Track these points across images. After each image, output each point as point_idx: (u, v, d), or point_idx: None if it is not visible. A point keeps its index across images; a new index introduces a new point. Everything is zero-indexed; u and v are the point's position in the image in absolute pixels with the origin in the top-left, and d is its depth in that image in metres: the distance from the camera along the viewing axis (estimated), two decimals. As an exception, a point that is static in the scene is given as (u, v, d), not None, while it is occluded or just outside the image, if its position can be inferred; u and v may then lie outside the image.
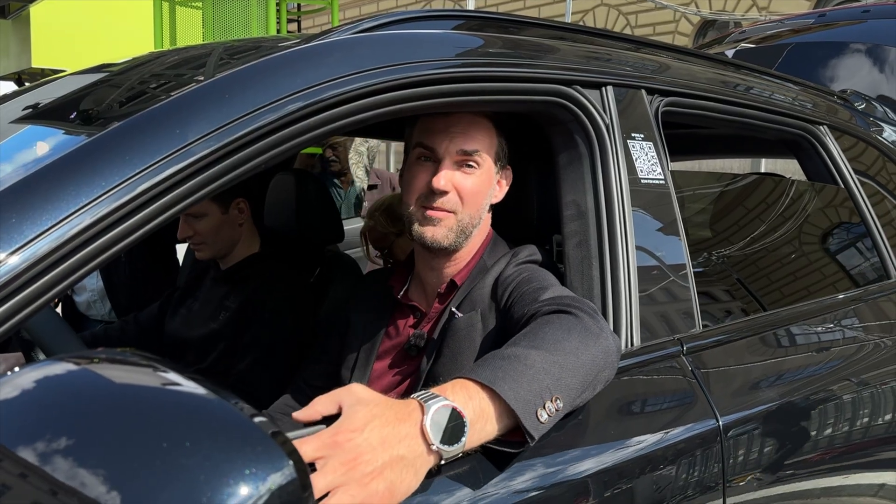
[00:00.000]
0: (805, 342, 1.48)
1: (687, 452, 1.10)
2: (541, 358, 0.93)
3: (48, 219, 0.73)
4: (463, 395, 0.87)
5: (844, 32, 2.85)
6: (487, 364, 0.92)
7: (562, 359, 0.94)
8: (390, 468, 0.78)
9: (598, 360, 0.99)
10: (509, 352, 0.94)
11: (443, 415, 0.82)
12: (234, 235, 1.86)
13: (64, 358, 0.59)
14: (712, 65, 1.67)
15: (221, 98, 0.86)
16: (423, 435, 0.81)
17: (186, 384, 0.58)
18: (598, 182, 1.24)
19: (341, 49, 1.00)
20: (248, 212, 1.88)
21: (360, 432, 0.77)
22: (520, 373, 0.90)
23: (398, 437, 0.79)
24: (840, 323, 1.57)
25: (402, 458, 0.79)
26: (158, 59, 1.25)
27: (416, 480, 0.81)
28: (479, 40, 1.21)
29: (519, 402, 0.87)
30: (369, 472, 0.76)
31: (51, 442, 0.54)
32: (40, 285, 0.73)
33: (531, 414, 0.88)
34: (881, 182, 1.95)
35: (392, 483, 0.77)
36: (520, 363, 0.91)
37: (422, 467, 0.82)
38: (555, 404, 0.90)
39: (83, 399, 0.55)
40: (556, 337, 0.98)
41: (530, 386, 0.89)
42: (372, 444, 0.77)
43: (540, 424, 0.89)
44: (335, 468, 0.74)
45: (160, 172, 0.79)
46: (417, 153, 1.26)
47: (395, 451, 0.78)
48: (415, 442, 0.81)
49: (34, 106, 1.18)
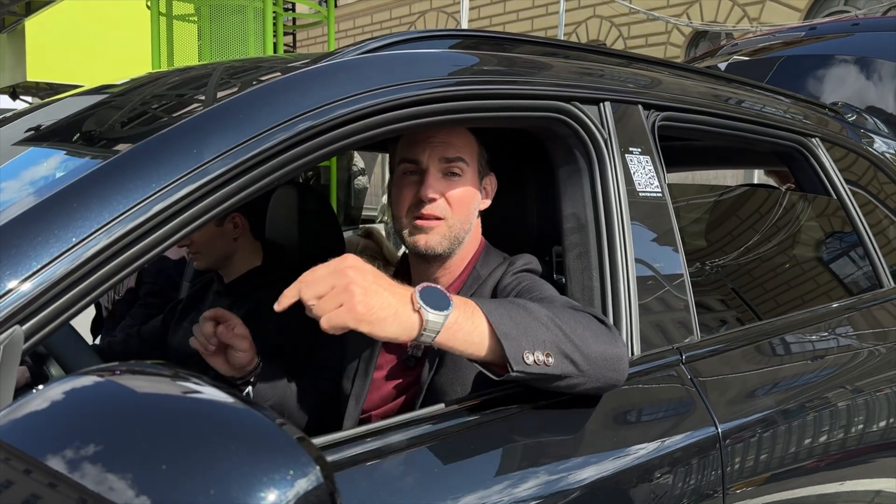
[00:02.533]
0: (801, 350, 1.50)
1: (686, 460, 1.13)
2: (548, 318, 0.99)
3: (70, 237, 0.75)
4: (461, 301, 0.97)
5: (834, 45, 2.90)
6: (498, 302, 1.01)
7: (570, 332, 1.00)
8: (374, 296, 0.90)
9: (609, 358, 1.03)
10: (523, 301, 1.03)
11: (432, 292, 0.94)
12: (228, 249, 1.87)
13: (89, 371, 0.62)
14: (706, 79, 1.70)
15: (237, 118, 0.89)
16: (411, 300, 0.93)
17: (211, 392, 0.60)
18: (598, 195, 1.27)
19: (349, 69, 1.03)
20: (243, 227, 1.89)
21: (359, 271, 0.91)
22: (522, 317, 0.98)
23: (389, 283, 0.93)
24: (835, 331, 1.60)
25: (387, 299, 0.91)
26: (159, 80, 1.28)
27: (395, 324, 0.91)
28: (480, 59, 1.24)
29: (507, 338, 0.95)
30: (356, 293, 0.88)
31: (80, 451, 0.56)
32: (59, 305, 0.75)
33: (517, 350, 0.95)
34: (873, 192, 1.99)
35: (371, 307, 0.89)
36: (526, 312, 0.99)
37: (403, 315, 0.92)
38: (545, 358, 0.96)
39: (111, 409, 0.57)
40: (574, 319, 1.03)
41: (526, 332, 0.96)
42: (366, 278, 0.90)
43: (524, 363, 0.95)
44: (338, 266, 0.91)
45: (176, 192, 0.82)
46: (403, 168, 1.30)
47: (384, 291, 0.91)
48: (403, 297, 0.93)
49: (36, 128, 1.20)
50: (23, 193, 0.84)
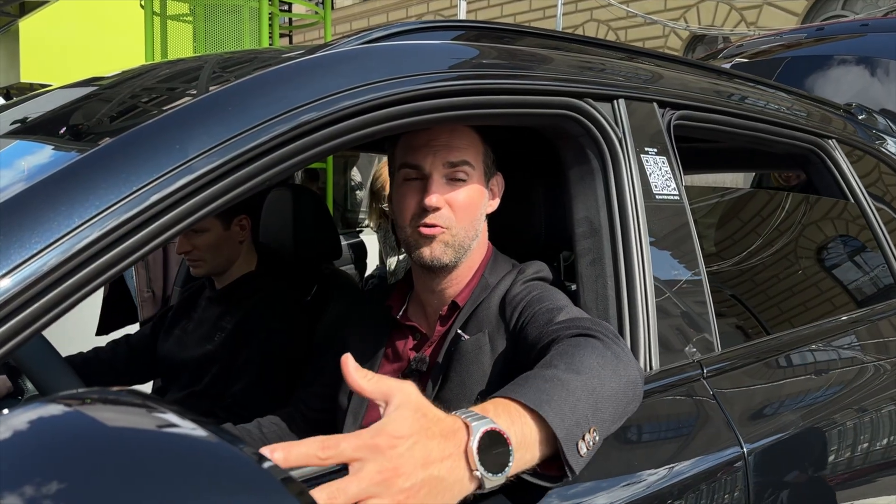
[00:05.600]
0: (827, 361, 1.43)
1: (710, 480, 1.05)
2: (580, 384, 0.86)
3: (37, 242, 0.67)
4: (506, 418, 0.79)
5: (844, 46, 2.84)
6: (530, 384, 0.85)
7: (598, 387, 0.88)
8: (427, 488, 0.71)
9: (629, 392, 0.93)
10: (549, 373, 0.87)
11: (488, 439, 0.76)
12: (233, 253, 1.81)
13: (57, 398, 0.54)
14: (723, 77, 1.64)
15: (226, 110, 0.81)
16: (466, 458, 0.75)
17: (185, 425, 0.53)
18: (612, 198, 1.20)
19: (351, 60, 0.96)
20: (249, 229, 1.82)
21: (404, 441, 0.70)
22: (563, 399, 0.83)
23: (441, 456, 0.72)
24: (862, 340, 1.53)
25: (442, 480, 0.72)
26: (150, 72, 1.21)
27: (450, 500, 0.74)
28: (489, 51, 1.17)
29: (563, 431, 0.80)
30: (406, 489, 0.69)
31: (42, 490, 0.49)
32: (35, 309, 0.68)
33: (573, 445, 0.81)
34: (889, 195, 1.92)
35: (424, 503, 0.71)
36: (562, 388, 0.84)
37: (459, 493, 0.75)
38: (592, 436, 0.84)
39: (79, 445, 0.49)
40: (591, 363, 0.91)
41: (573, 414, 0.82)
42: (414, 458, 0.70)
43: (580, 458, 0.82)
44: (372, 476, 0.68)
45: (162, 189, 0.74)
46: (404, 174, 1.22)
47: (435, 470, 0.72)
48: (457, 464, 0.74)
49: (23, 121, 1.13)
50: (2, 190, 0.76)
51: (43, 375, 1.11)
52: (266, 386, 1.68)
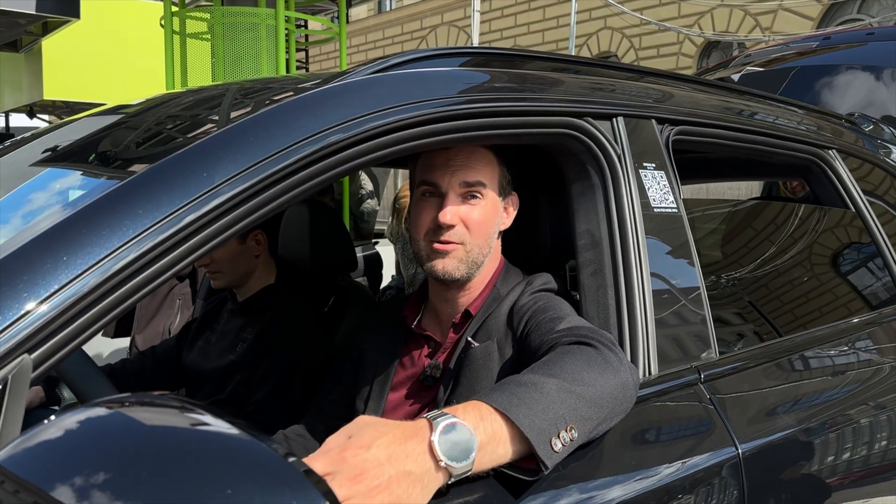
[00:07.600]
0: (822, 367, 1.47)
1: (706, 481, 1.10)
2: (557, 387, 0.94)
3: (79, 265, 0.74)
4: (475, 415, 0.88)
5: (849, 55, 2.87)
6: (503, 389, 0.93)
7: (579, 389, 0.95)
8: (397, 483, 0.79)
9: (617, 394, 1.00)
10: (526, 378, 0.95)
11: (451, 431, 0.84)
12: (249, 266, 1.88)
13: (101, 403, 0.61)
14: (719, 92, 1.69)
15: (247, 140, 0.89)
16: (431, 451, 0.82)
17: (219, 424, 0.60)
18: (612, 211, 1.25)
19: (362, 88, 1.03)
20: (265, 244, 1.90)
21: (366, 448, 0.79)
22: (535, 400, 0.91)
23: (405, 453, 0.81)
24: (857, 347, 1.57)
25: (410, 474, 0.80)
26: (174, 100, 1.28)
27: (423, 496, 0.82)
28: (496, 76, 1.23)
29: (533, 430, 0.88)
30: (375, 486, 0.77)
31: (91, 482, 0.55)
32: (69, 332, 0.75)
33: (545, 442, 0.89)
34: (892, 203, 1.96)
35: (399, 497, 0.78)
36: (536, 390, 0.92)
37: (430, 483, 0.82)
38: (569, 434, 0.91)
39: (123, 442, 0.56)
40: (574, 367, 0.98)
41: (545, 414, 0.90)
42: (378, 459, 0.79)
43: (554, 453, 0.90)
44: (342, 483, 0.76)
45: (191, 213, 0.81)
46: (422, 190, 1.29)
47: (402, 466, 0.80)
48: (423, 458, 0.82)
49: (53, 149, 1.20)
50: (39, 216, 0.84)
51: (82, 385, 1.20)
52: (286, 394, 1.75)
